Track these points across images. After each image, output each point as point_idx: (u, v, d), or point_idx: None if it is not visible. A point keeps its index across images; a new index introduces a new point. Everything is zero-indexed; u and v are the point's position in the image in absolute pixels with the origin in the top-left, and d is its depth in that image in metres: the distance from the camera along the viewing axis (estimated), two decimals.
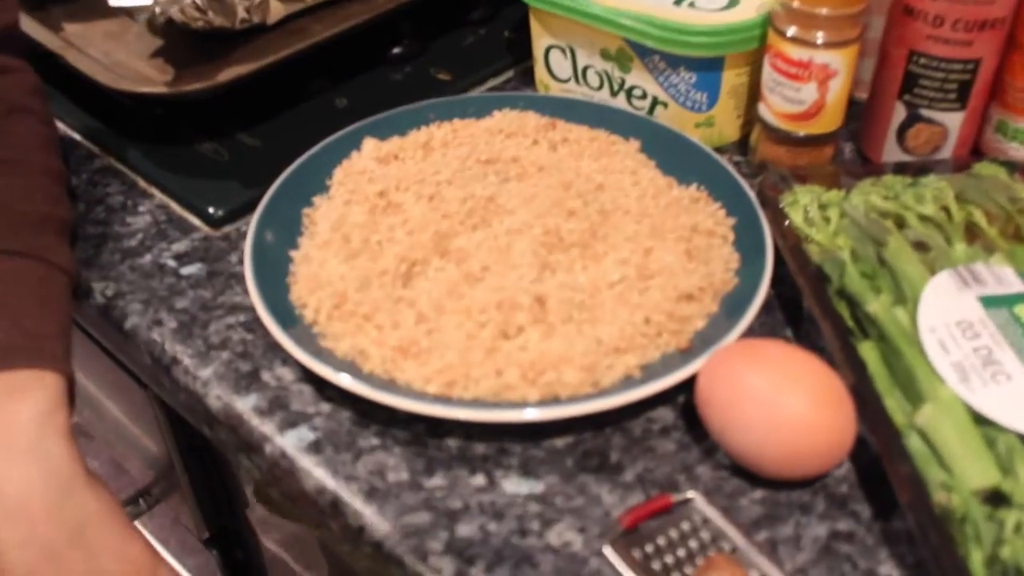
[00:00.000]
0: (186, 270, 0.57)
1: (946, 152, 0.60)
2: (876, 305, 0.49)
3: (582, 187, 0.55)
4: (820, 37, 0.56)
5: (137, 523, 0.75)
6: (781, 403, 0.43)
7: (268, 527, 0.69)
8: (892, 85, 0.59)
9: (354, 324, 0.48)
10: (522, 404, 0.45)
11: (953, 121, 0.59)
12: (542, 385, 0.45)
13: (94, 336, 0.60)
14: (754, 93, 0.63)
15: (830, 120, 0.59)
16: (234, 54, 0.65)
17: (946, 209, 0.55)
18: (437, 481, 0.45)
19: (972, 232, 0.53)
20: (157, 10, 0.58)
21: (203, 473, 0.69)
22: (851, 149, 0.65)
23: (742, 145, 0.65)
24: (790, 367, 0.44)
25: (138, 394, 0.64)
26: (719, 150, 0.63)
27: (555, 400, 0.45)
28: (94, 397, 0.78)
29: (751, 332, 0.50)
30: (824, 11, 0.55)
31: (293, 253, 0.54)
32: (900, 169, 0.57)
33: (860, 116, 0.63)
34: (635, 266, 0.51)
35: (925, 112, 0.59)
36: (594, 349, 0.46)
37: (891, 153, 0.61)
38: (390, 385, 0.46)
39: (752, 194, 0.56)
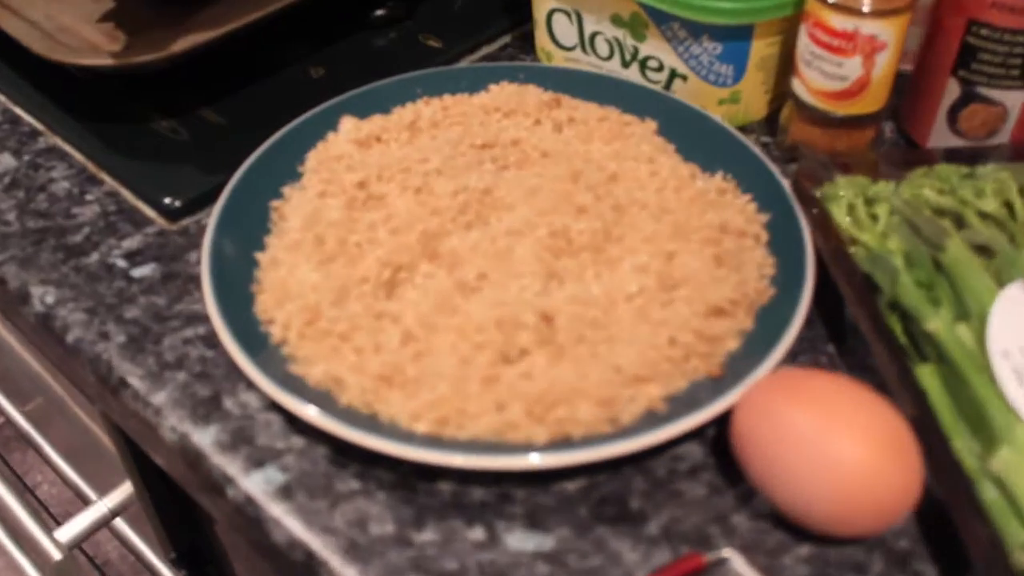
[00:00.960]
0: (138, 272, 0.49)
1: (1004, 136, 0.53)
2: (937, 322, 0.42)
3: (592, 178, 0.48)
4: (867, 4, 0.48)
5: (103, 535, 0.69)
6: (834, 447, 0.36)
7: (238, 544, 0.63)
8: (945, 59, 0.52)
9: (329, 346, 0.41)
10: (528, 447, 0.38)
11: (1014, 101, 0.51)
12: (551, 423, 0.38)
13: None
14: (784, 65, 0.56)
15: (874, 99, 0.51)
16: (195, 18, 0.57)
17: (1008, 205, 0.48)
18: (428, 535, 0.38)
19: None
20: None
21: (166, 489, 0.62)
22: (891, 129, 0.57)
23: (769, 124, 0.58)
24: (843, 403, 0.37)
25: (88, 409, 0.57)
26: (743, 130, 0.56)
27: (567, 441, 0.38)
28: (57, 396, 0.71)
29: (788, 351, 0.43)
30: None
31: (259, 255, 0.47)
32: (951, 156, 0.50)
33: (902, 92, 0.56)
34: (656, 274, 0.44)
35: (983, 90, 0.51)
36: (612, 378, 0.40)
37: (940, 136, 0.54)
38: (372, 422, 0.39)
39: (787, 185, 0.49)
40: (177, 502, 0.63)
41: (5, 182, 0.55)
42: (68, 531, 0.69)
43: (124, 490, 0.69)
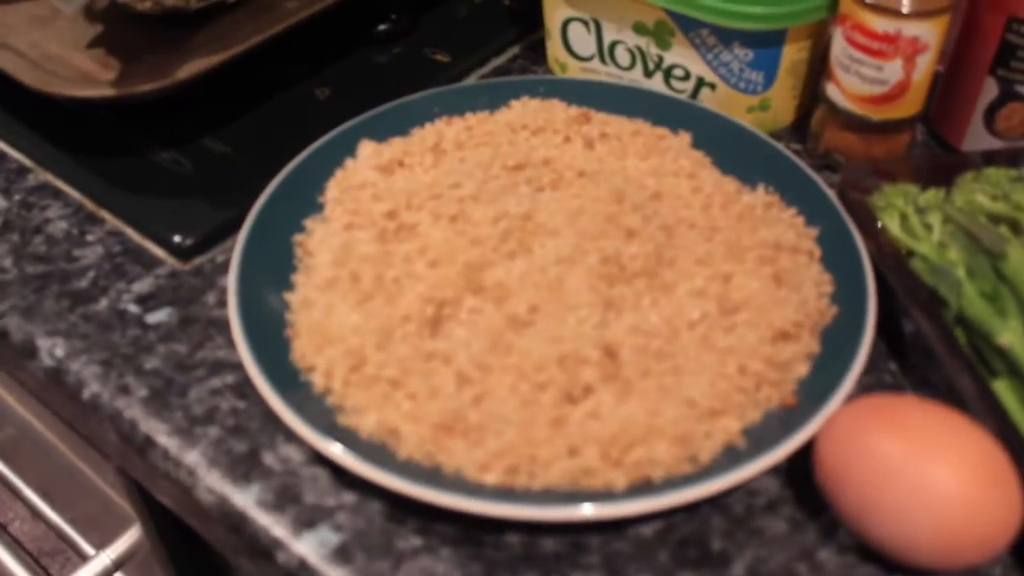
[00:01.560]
0: (153, 317, 0.46)
1: None
2: (1009, 336, 0.40)
3: (636, 197, 0.46)
4: (907, 5, 0.46)
5: None
6: (931, 478, 0.34)
7: None
8: (982, 58, 0.50)
9: (380, 393, 0.39)
10: (608, 494, 0.35)
11: None
12: (630, 466, 0.36)
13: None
14: (812, 70, 0.54)
15: (913, 102, 0.50)
16: (192, 41, 0.53)
17: None
18: None
19: None
20: None
21: (181, 541, 0.59)
22: (921, 131, 0.56)
23: (797, 130, 0.56)
24: (934, 430, 0.36)
25: (101, 465, 0.53)
26: (771, 137, 0.54)
27: (647, 484, 0.36)
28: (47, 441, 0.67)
29: None
30: None
31: (288, 296, 0.44)
32: (990, 159, 0.49)
33: (932, 93, 0.54)
34: (715, 298, 0.42)
35: (1022, 89, 0.50)
36: (686, 413, 0.37)
37: (976, 137, 0.53)
38: (436, 476, 0.36)
39: (833, 196, 0.47)
40: (190, 551, 0.60)
41: None
42: None
43: (125, 540, 0.66)
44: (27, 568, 0.66)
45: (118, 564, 0.67)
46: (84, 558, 0.70)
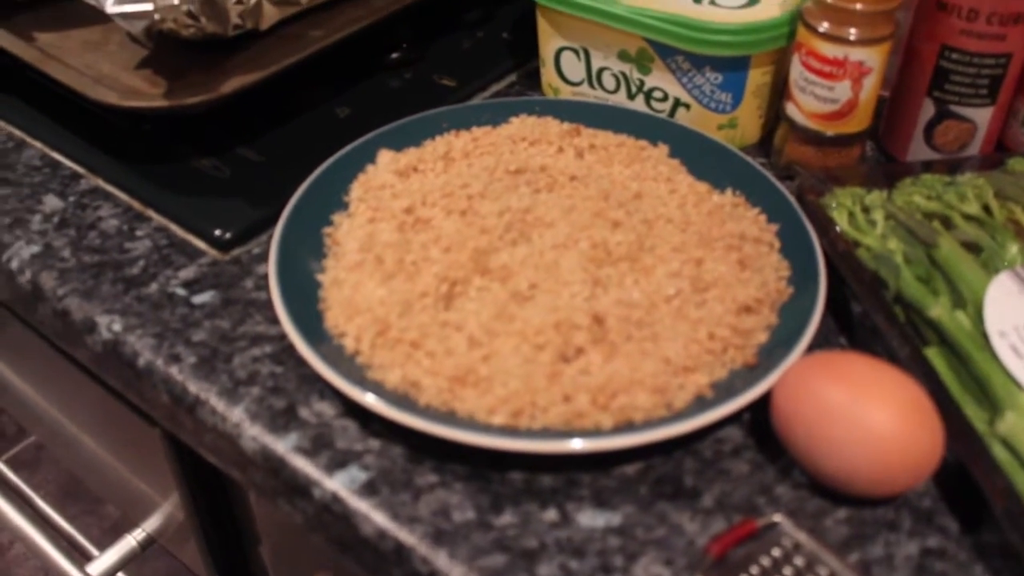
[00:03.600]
0: (198, 299, 0.53)
1: (973, 148, 0.60)
2: (938, 310, 0.47)
3: (620, 196, 0.53)
4: (853, 34, 0.54)
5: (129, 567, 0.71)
6: (868, 417, 0.41)
7: (281, 565, 0.66)
8: (920, 81, 0.58)
9: (402, 352, 0.45)
10: (597, 432, 0.42)
11: (982, 117, 0.58)
12: (615, 410, 0.43)
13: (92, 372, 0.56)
14: (775, 92, 0.61)
15: (861, 119, 0.57)
16: (229, 62, 0.61)
17: (986, 207, 0.54)
18: (507, 518, 0.42)
19: (1015, 230, 0.52)
20: (157, 16, 0.53)
21: (212, 512, 0.64)
22: (871, 148, 0.63)
23: (762, 146, 0.63)
24: (872, 379, 0.42)
25: (143, 433, 0.59)
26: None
27: (630, 425, 0.43)
28: (66, 428, 0.73)
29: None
30: (859, 6, 0.53)
31: (320, 277, 0.50)
32: (929, 168, 0.56)
33: (880, 115, 0.62)
34: (688, 278, 0.49)
35: (955, 108, 0.58)
36: (663, 369, 0.44)
37: (918, 151, 0.60)
38: (451, 418, 0.43)
39: (791, 198, 0.54)
40: (223, 527, 0.66)
41: (55, 221, 0.58)
42: (100, 565, 0.71)
43: (155, 520, 0.71)
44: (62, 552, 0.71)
45: (144, 546, 0.72)
46: (88, 559, 0.74)
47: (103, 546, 0.73)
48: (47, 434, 0.82)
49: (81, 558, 0.72)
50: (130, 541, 0.73)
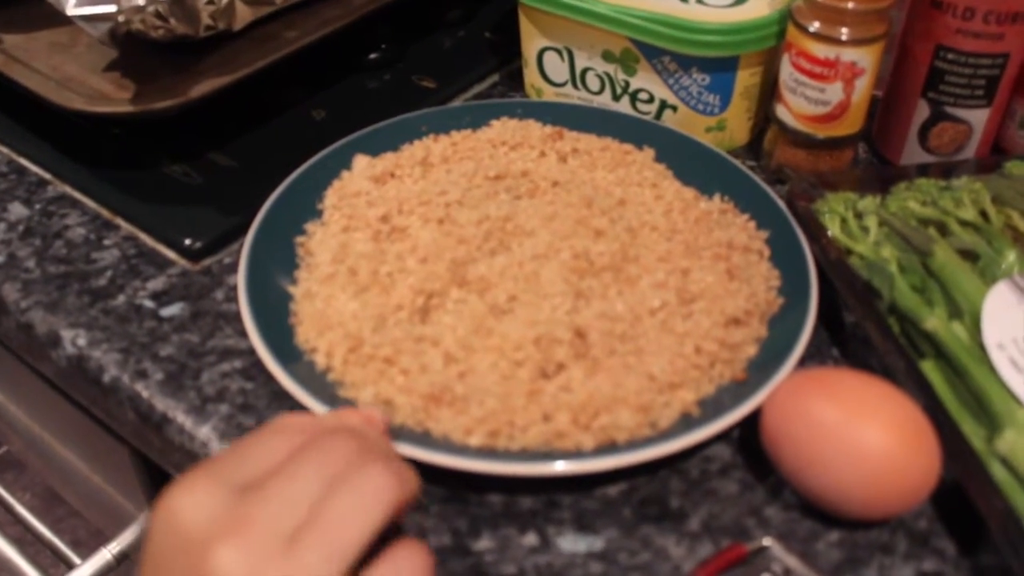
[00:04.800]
0: (167, 311, 0.51)
1: (969, 151, 0.58)
2: (934, 321, 0.46)
3: (604, 203, 0.51)
4: (845, 33, 0.52)
5: None
6: (861, 436, 0.39)
7: None
8: (914, 82, 0.56)
9: (375, 369, 0.43)
10: (578, 453, 0.40)
11: (978, 118, 0.56)
12: (597, 430, 0.41)
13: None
14: (764, 93, 0.60)
15: (853, 121, 0.55)
16: (200, 65, 0.58)
17: (983, 213, 0.52)
18: (484, 543, 0.40)
19: (1013, 236, 0.51)
20: (120, 19, 0.51)
21: None
22: (864, 150, 0.62)
23: (751, 149, 0.62)
24: (865, 397, 0.41)
25: (113, 449, 0.58)
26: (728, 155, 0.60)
27: (612, 446, 0.41)
28: (49, 444, 0.71)
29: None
30: (851, 5, 0.51)
31: (292, 289, 0.48)
32: (924, 171, 0.55)
33: (873, 116, 0.60)
34: (674, 289, 0.47)
35: (950, 110, 0.56)
36: (647, 386, 0.42)
37: (912, 154, 0.59)
38: (426, 438, 0.41)
39: (782, 204, 0.52)
40: None
41: (20, 230, 0.56)
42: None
43: (131, 534, 0.70)
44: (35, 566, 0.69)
45: (120, 559, 0.70)
46: (70, 567, 0.72)
47: (85, 554, 0.72)
48: (21, 444, 0.80)
49: (64, 567, 0.70)
50: (105, 555, 0.70)
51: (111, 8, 0.51)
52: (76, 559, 0.78)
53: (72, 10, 0.51)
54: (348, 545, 0.30)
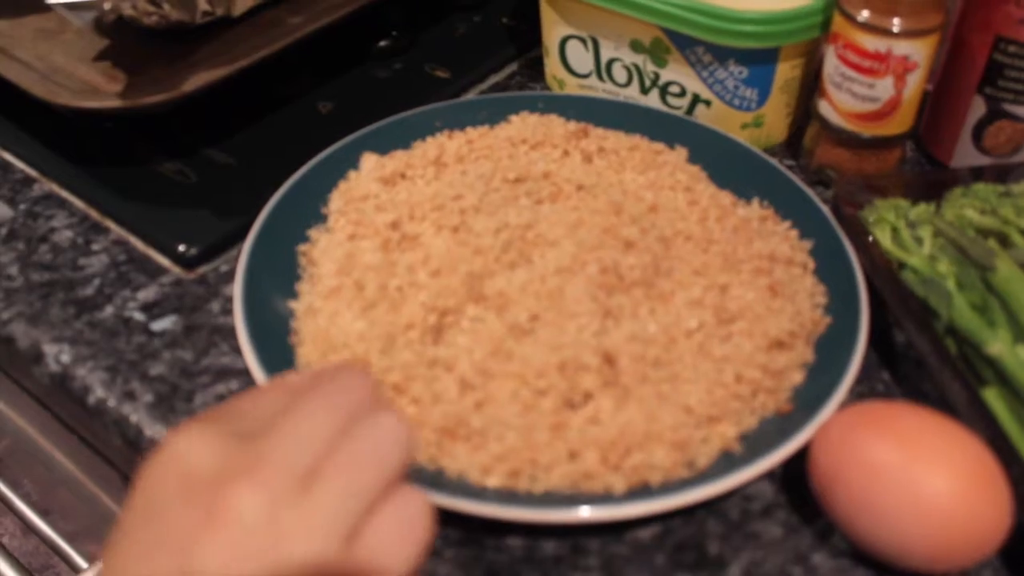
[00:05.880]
0: (158, 325, 0.47)
1: None
2: (999, 346, 0.41)
3: (633, 210, 0.47)
4: (897, 24, 0.48)
5: None
6: (924, 481, 0.35)
7: None
8: (970, 77, 0.52)
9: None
10: (607, 497, 0.36)
11: None
12: (628, 470, 0.37)
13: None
14: (805, 88, 0.55)
15: (903, 120, 0.51)
16: (196, 54, 0.54)
17: None
18: None
19: None
20: (107, 6, 0.47)
21: None
22: (911, 148, 0.57)
23: (790, 147, 0.57)
24: (927, 436, 0.36)
25: (107, 473, 0.54)
26: (766, 153, 0.55)
27: (646, 488, 0.37)
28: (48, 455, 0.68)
29: None
30: None
31: (293, 304, 0.44)
32: (977, 174, 0.50)
33: (923, 112, 0.56)
34: (712, 308, 0.43)
35: (1009, 107, 0.51)
36: (683, 419, 0.38)
37: (964, 154, 0.54)
38: (440, 478, 0.37)
39: (826, 210, 0.48)
40: None
41: (2, 233, 0.52)
42: None
43: None
44: None
45: None
46: (77, 571, 0.69)
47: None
48: (12, 449, 0.77)
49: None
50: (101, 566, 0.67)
51: None
52: (83, 564, 0.75)
53: None
54: (366, 486, 0.28)
